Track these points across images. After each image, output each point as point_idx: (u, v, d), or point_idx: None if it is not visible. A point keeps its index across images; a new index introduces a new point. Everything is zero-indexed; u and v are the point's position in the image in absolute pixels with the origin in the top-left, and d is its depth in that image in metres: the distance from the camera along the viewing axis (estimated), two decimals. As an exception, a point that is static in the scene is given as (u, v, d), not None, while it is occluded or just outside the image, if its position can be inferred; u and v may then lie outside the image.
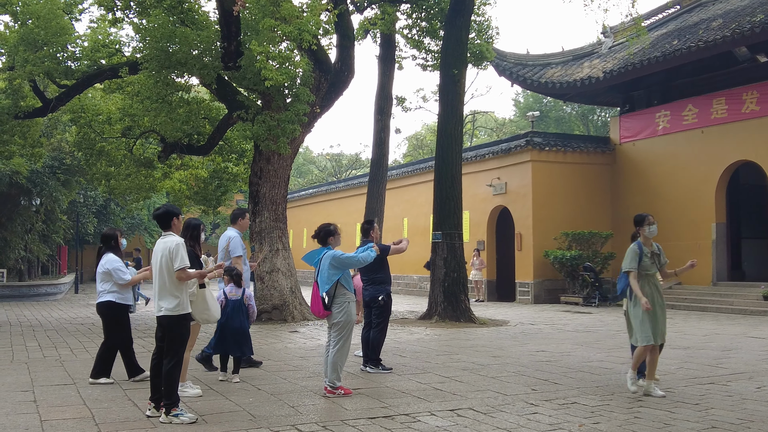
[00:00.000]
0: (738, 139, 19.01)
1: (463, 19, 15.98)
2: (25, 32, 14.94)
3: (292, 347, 11.17)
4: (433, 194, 15.76)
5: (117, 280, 8.09)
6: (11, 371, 8.84)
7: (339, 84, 16.16)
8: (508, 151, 22.62)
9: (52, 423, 6.07)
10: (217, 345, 8.30)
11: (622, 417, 6.31)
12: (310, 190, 39.94)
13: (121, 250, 8.48)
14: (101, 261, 8.21)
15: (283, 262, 15.50)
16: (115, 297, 8.12)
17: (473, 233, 23.71)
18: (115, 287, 8.11)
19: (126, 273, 8.18)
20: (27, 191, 27.46)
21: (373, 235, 8.70)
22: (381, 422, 6.12)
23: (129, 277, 8.20)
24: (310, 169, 58.63)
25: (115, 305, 8.14)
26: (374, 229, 8.82)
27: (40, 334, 13.20)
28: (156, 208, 6.68)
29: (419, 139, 49.17)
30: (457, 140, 15.86)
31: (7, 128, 16.60)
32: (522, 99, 44.66)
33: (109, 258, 8.19)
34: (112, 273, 8.08)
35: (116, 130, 17.84)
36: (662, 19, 24.08)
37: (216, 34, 14.30)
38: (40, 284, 29.13)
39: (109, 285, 8.11)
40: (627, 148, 22.53)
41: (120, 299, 8.17)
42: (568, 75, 23.39)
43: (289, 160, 16.07)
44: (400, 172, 28.88)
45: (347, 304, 7.29)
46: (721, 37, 18.20)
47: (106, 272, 8.10)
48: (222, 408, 6.67)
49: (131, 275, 8.31)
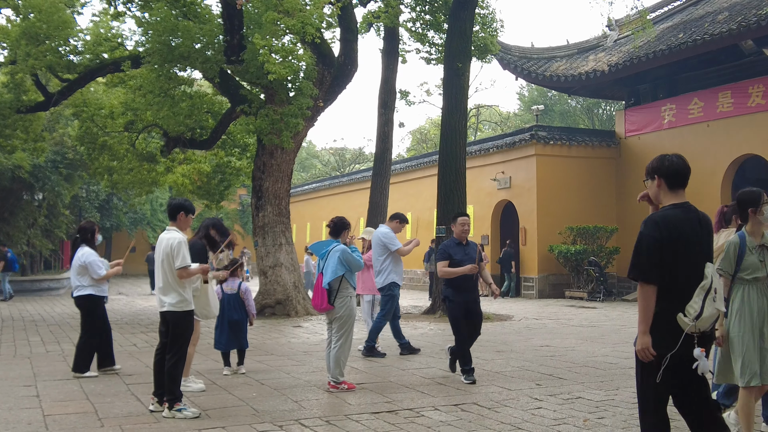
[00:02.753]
0: (744, 132, 18.89)
1: (467, 12, 15.88)
2: (27, 26, 14.91)
3: (295, 342, 11.14)
4: (437, 188, 15.69)
5: (92, 274, 8.16)
6: (14, 366, 8.83)
7: (342, 78, 16.10)
8: (512, 145, 22.54)
9: (55, 418, 6.04)
10: (219, 341, 8.32)
11: (627, 412, 6.25)
12: (313, 185, 39.93)
13: (96, 245, 8.47)
14: (77, 254, 8.25)
15: (286, 256, 15.47)
16: (93, 290, 8.23)
17: (477, 228, 23.64)
18: (92, 281, 8.19)
19: (102, 268, 8.24)
20: (29, 186, 27.49)
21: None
22: (385, 417, 6.08)
23: (104, 272, 8.25)
24: (314, 163, 58.61)
25: (95, 297, 8.27)
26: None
27: (42, 329, 13.19)
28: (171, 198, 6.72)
29: (423, 133, 49.07)
30: (461, 134, 15.77)
31: (10, 122, 16.58)
32: (526, 93, 44.53)
33: (85, 251, 8.24)
34: (87, 267, 8.13)
35: (119, 124, 17.80)
36: (668, 12, 23.94)
37: (219, 27, 14.24)
38: (43, 279, 29.20)
39: (86, 279, 8.18)
40: (632, 142, 22.42)
41: (98, 292, 8.29)
42: (573, 68, 23.27)
43: (293, 155, 16.03)
44: (403, 167, 28.82)
45: (349, 299, 7.25)
46: (727, 30, 18.07)
47: (83, 266, 8.15)
48: (225, 403, 6.63)
49: (106, 269, 8.32)
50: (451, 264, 7.77)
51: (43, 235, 31.36)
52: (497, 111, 45.93)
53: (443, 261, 7.83)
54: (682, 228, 3.90)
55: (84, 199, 33.96)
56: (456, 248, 7.87)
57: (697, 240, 3.93)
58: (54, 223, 31.44)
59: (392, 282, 9.61)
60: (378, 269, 9.68)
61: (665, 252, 3.85)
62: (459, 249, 7.87)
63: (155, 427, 5.73)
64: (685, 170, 4.02)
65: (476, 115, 41.96)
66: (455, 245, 7.90)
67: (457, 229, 8.02)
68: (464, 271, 7.65)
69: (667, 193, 4.03)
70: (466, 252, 7.84)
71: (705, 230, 4.03)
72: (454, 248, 7.87)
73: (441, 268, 7.85)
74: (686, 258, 3.87)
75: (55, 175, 27.61)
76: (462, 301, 7.73)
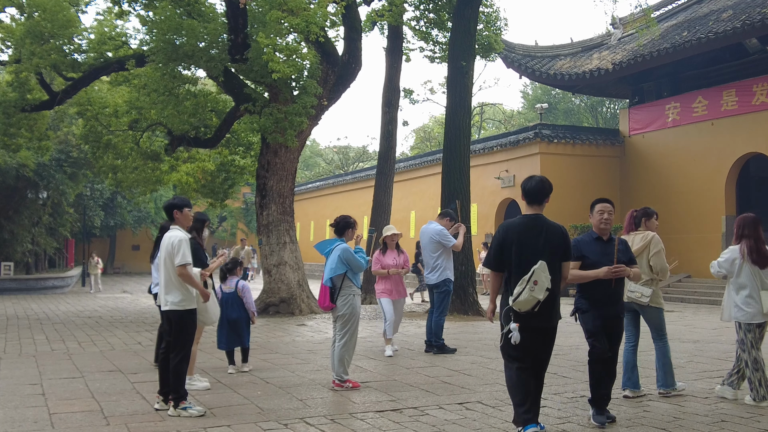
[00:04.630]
0: (748, 131, 18.86)
1: (471, 10, 15.87)
2: (32, 25, 14.93)
3: (300, 340, 11.16)
4: (441, 187, 15.68)
5: None
6: (19, 364, 8.85)
7: (346, 76, 16.09)
8: (516, 144, 22.52)
9: (61, 416, 6.06)
10: (220, 340, 8.36)
11: (631, 411, 6.25)
12: (317, 183, 39.94)
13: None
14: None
15: (290, 255, 15.48)
16: None
17: (481, 226, 23.64)
18: None
19: None
20: (34, 184, 27.56)
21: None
22: (389, 415, 6.08)
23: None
24: (317, 161, 58.62)
25: None
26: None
27: (47, 327, 13.23)
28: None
29: (427, 131, 49.05)
30: (465, 132, 15.76)
31: (14, 121, 16.61)
32: (530, 91, 44.48)
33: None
34: None
35: (123, 122, 17.82)
36: (672, 10, 23.89)
37: (223, 26, 14.25)
38: (48, 277, 29.27)
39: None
40: (636, 141, 22.39)
41: None
42: (577, 67, 23.24)
43: (297, 153, 16.03)
44: (407, 165, 28.82)
45: (352, 297, 7.25)
46: (731, 28, 18.04)
47: None
48: (230, 401, 6.65)
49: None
50: (584, 266, 5.90)
51: (47, 233, 31.46)
52: (501, 109, 45.90)
53: (574, 261, 5.90)
54: (520, 233, 5.20)
55: (88, 198, 34.05)
56: (592, 244, 6.00)
57: (533, 243, 5.17)
58: (58, 221, 31.55)
59: (447, 278, 9.75)
60: (432, 266, 9.73)
61: (504, 250, 5.24)
62: (596, 246, 5.98)
63: (161, 426, 5.74)
64: (535, 192, 5.31)
65: (480, 114, 41.93)
66: (591, 240, 6.02)
67: (594, 219, 6.09)
68: (598, 275, 5.80)
69: (527, 207, 5.38)
70: (605, 251, 5.96)
71: (548, 236, 5.21)
72: (590, 245, 6.00)
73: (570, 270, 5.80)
74: (520, 256, 5.16)
75: (60, 173, 27.68)
76: (599, 315, 5.90)
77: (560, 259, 5.27)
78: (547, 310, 5.20)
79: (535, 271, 5.07)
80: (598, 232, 6.05)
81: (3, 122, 16.41)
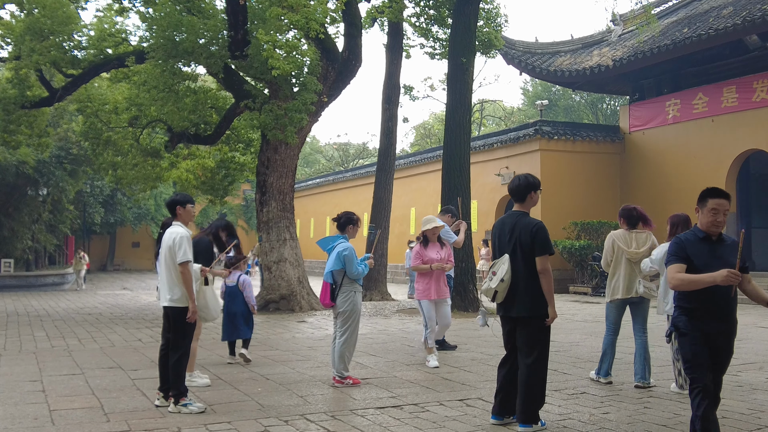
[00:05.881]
0: (749, 127, 18.85)
1: (471, 7, 15.85)
2: (32, 21, 14.92)
3: (300, 337, 11.16)
4: (441, 184, 15.68)
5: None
6: (20, 361, 8.85)
7: (346, 73, 16.08)
8: (516, 140, 22.51)
9: (61, 413, 6.06)
10: (223, 331, 8.54)
11: (632, 407, 6.26)
12: (317, 180, 39.92)
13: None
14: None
15: (290, 251, 15.48)
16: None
17: (481, 223, 23.63)
18: None
19: None
20: (34, 181, 27.56)
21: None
22: (389, 412, 6.09)
23: None
24: (317, 158, 58.62)
25: None
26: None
27: (47, 324, 13.23)
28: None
29: (427, 128, 49.02)
30: (465, 129, 15.76)
31: (14, 118, 16.61)
32: (530, 88, 44.47)
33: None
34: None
35: (123, 119, 17.81)
36: (672, 6, 23.86)
37: (223, 22, 14.23)
38: (47, 274, 29.28)
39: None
40: (636, 137, 22.38)
41: None
42: (578, 63, 23.22)
43: (297, 150, 16.02)
44: (407, 162, 28.80)
45: (353, 294, 7.24)
46: (732, 25, 18.02)
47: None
48: (231, 398, 6.65)
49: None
50: (690, 270, 4.55)
51: (47, 230, 31.47)
52: (501, 106, 45.84)
53: (676, 264, 4.60)
54: (499, 229, 5.78)
55: (88, 195, 34.07)
56: (698, 245, 4.65)
57: (504, 238, 5.70)
58: (58, 218, 31.56)
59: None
60: None
61: (493, 244, 5.91)
62: (703, 247, 4.64)
63: (161, 422, 5.74)
64: (513, 190, 5.77)
65: (480, 110, 41.89)
66: (698, 240, 4.66)
67: (705, 217, 4.67)
68: (715, 280, 4.38)
69: (514, 204, 5.84)
70: (717, 253, 4.62)
71: (517, 231, 5.62)
72: (696, 245, 4.65)
73: (672, 275, 4.56)
74: (499, 248, 5.76)
75: (60, 170, 27.68)
76: (700, 334, 4.54)
77: (531, 253, 5.59)
78: (510, 300, 5.66)
79: (496, 263, 5.67)
80: (706, 230, 4.66)
81: (3, 119, 16.41)
